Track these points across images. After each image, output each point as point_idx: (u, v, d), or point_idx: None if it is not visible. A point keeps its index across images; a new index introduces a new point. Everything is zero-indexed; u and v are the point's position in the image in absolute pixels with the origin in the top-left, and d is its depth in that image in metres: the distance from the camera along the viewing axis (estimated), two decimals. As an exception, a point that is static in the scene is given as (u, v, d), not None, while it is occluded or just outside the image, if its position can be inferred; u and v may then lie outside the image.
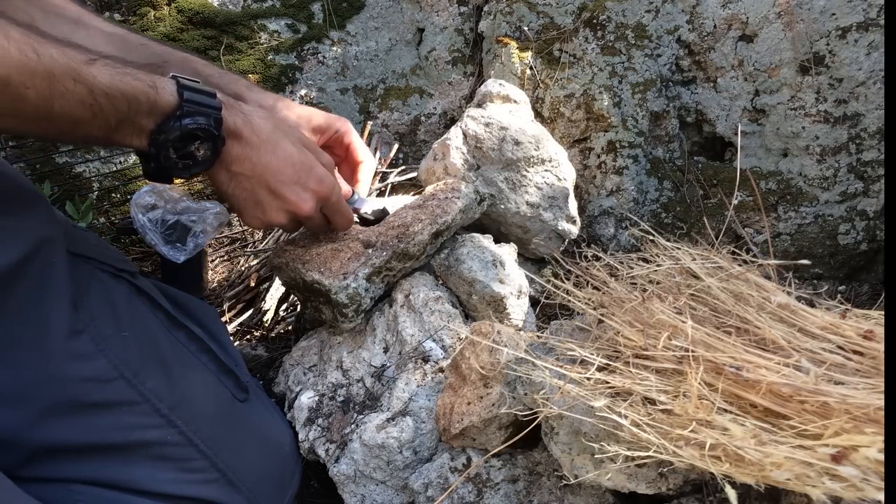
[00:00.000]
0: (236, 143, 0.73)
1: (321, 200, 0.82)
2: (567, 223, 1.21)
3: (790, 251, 1.29)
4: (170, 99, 0.67)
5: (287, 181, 0.78)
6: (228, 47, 1.60)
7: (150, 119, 0.66)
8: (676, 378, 0.55)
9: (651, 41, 1.36)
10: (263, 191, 0.77)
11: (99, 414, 0.69)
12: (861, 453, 0.38)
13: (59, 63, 0.58)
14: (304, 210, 0.80)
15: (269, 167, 0.76)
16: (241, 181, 0.76)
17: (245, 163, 0.75)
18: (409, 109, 1.61)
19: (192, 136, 0.68)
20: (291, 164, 0.78)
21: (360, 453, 0.85)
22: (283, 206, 0.79)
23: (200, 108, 0.68)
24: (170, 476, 0.72)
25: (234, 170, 0.75)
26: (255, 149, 0.75)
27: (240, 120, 0.74)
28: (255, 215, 0.79)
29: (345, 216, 0.89)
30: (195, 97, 0.68)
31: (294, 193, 0.79)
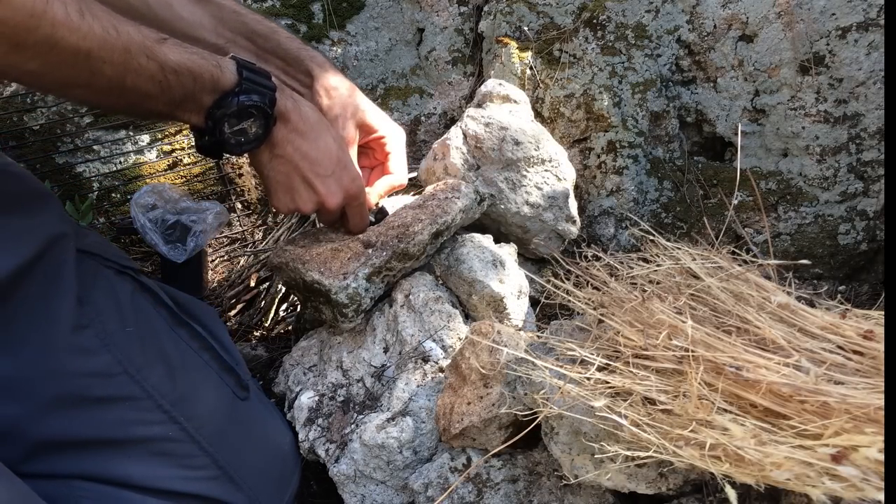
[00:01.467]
0: (283, 125, 0.77)
1: (348, 199, 0.86)
2: (567, 223, 1.21)
3: (790, 251, 1.29)
4: (230, 77, 0.71)
5: (323, 173, 0.81)
6: (228, 47, 1.60)
7: (211, 96, 0.70)
8: (676, 378, 0.55)
9: (651, 41, 1.36)
10: (298, 178, 0.81)
11: (101, 409, 0.69)
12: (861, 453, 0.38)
13: (135, 41, 0.62)
14: (331, 203, 0.84)
15: (309, 156, 0.80)
16: (280, 164, 0.80)
17: (287, 146, 0.78)
18: (409, 109, 1.61)
19: (247, 113, 0.72)
20: (329, 157, 0.81)
21: (360, 453, 0.85)
22: (313, 197, 0.83)
23: (257, 86, 0.72)
24: (171, 473, 0.72)
25: (276, 152, 0.79)
26: (299, 134, 0.79)
27: (290, 104, 0.78)
28: (284, 200, 0.83)
29: (363, 219, 0.93)
30: (253, 77, 0.72)
31: (326, 186, 0.82)
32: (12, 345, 0.65)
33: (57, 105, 1.51)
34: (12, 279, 0.66)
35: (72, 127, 1.52)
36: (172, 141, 1.58)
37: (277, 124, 0.77)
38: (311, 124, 0.80)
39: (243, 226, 1.59)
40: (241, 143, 0.75)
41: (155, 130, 1.57)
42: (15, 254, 0.67)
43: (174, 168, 1.58)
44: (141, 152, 1.56)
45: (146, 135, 1.56)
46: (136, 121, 1.55)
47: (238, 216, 1.59)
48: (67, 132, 1.52)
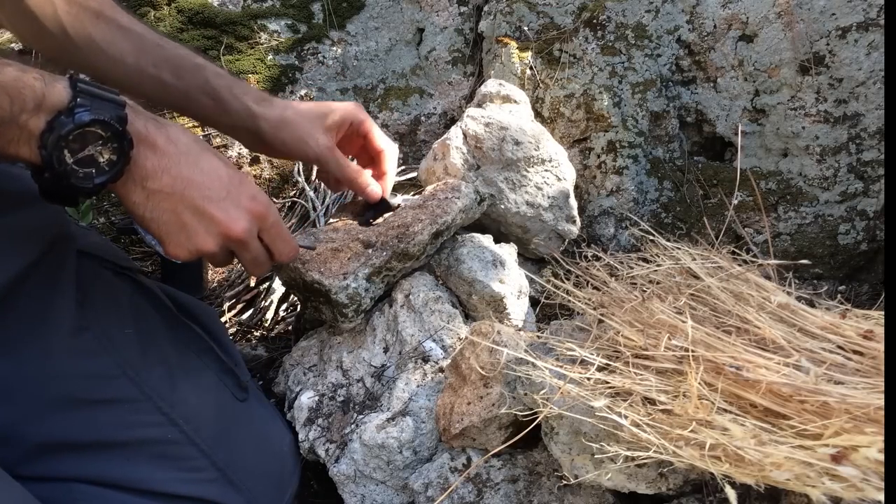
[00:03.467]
0: (150, 152, 0.62)
1: (257, 220, 0.68)
2: (567, 223, 1.21)
3: (790, 251, 1.29)
4: (61, 91, 0.57)
5: (215, 197, 0.65)
6: (228, 47, 1.60)
7: (39, 116, 0.56)
8: (676, 378, 0.55)
9: (651, 41, 1.36)
10: (188, 211, 0.64)
11: (100, 411, 0.69)
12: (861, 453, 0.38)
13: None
14: (236, 230, 0.66)
15: (193, 181, 0.64)
16: (161, 200, 0.63)
17: (164, 177, 0.62)
18: (409, 109, 1.61)
19: (91, 135, 0.57)
20: (218, 178, 0.66)
21: (359, 453, 0.85)
22: (211, 228, 0.66)
23: (99, 100, 0.58)
24: (170, 475, 0.72)
25: (149, 186, 0.62)
26: (173, 160, 0.63)
27: (152, 126, 0.63)
28: (179, 242, 0.65)
29: (287, 242, 0.74)
30: (91, 89, 0.58)
31: (223, 211, 0.65)
32: (11, 347, 0.65)
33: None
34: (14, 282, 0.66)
35: (72, 127, 1.51)
36: (172, 141, 1.57)
37: (142, 151, 0.61)
38: (186, 146, 0.64)
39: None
40: (90, 176, 0.58)
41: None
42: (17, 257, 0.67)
43: (174, 168, 1.58)
44: (141, 152, 1.56)
45: (146, 135, 1.56)
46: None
47: (238, 216, 1.59)
48: (67, 132, 1.51)
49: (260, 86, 1.61)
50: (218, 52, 1.58)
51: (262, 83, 1.61)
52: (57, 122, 0.56)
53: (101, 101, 0.58)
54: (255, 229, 0.69)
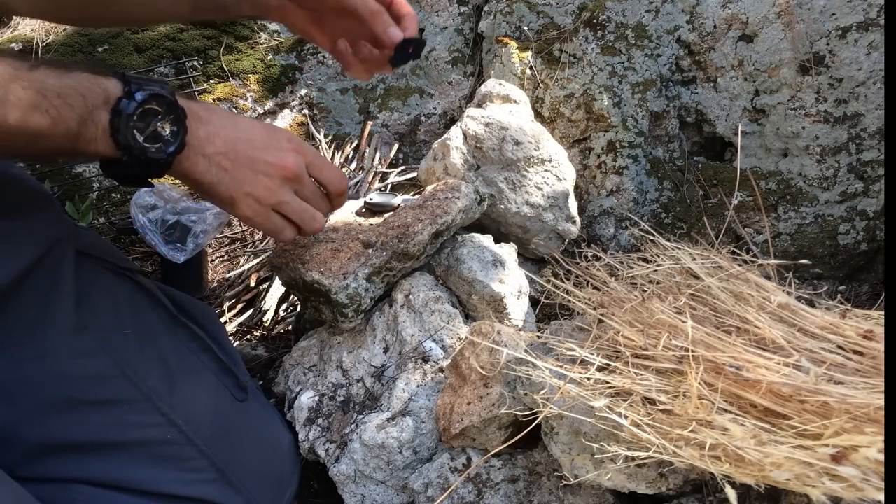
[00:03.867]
0: (199, 123, 0.70)
1: (301, 154, 0.76)
2: (567, 223, 1.21)
3: (790, 251, 1.29)
4: (115, 83, 0.63)
5: (261, 145, 0.73)
6: (228, 47, 1.60)
7: (106, 109, 0.62)
8: (676, 378, 0.55)
9: (651, 41, 1.36)
10: (244, 165, 0.72)
11: (99, 411, 0.69)
12: (861, 453, 0.38)
13: (2, 73, 0.55)
14: (289, 164, 0.74)
15: (240, 138, 0.72)
16: (221, 161, 0.71)
17: (216, 140, 0.71)
18: (409, 109, 1.61)
19: (151, 112, 0.64)
20: (258, 131, 0.74)
21: (360, 453, 0.85)
22: (270, 170, 0.73)
23: (147, 83, 0.65)
24: (169, 475, 0.71)
25: (208, 151, 0.70)
26: (219, 126, 0.71)
27: (193, 102, 0.71)
28: (249, 195, 0.73)
29: (333, 169, 0.81)
30: (137, 77, 0.66)
31: (273, 154, 0.74)
32: (10, 348, 0.65)
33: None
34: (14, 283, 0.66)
35: (72, 127, 1.51)
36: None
37: (193, 124, 0.69)
38: (222, 113, 0.73)
39: (243, 226, 1.59)
40: (162, 149, 0.65)
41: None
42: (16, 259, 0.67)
43: (174, 168, 1.58)
44: (141, 152, 1.56)
45: (146, 135, 1.56)
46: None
47: (238, 216, 1.59)
48: (67, 132, 1.51)
49: (259, 86, 1.61)
50: (218, 52, 1.58)
51: (262, 83, 1.61)
52: (120, 106, 0.62)
53: (148, 83, 0.65)
54: (302, 163, 0.76)
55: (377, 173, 1.49)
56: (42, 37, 1.57)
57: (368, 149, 1.55)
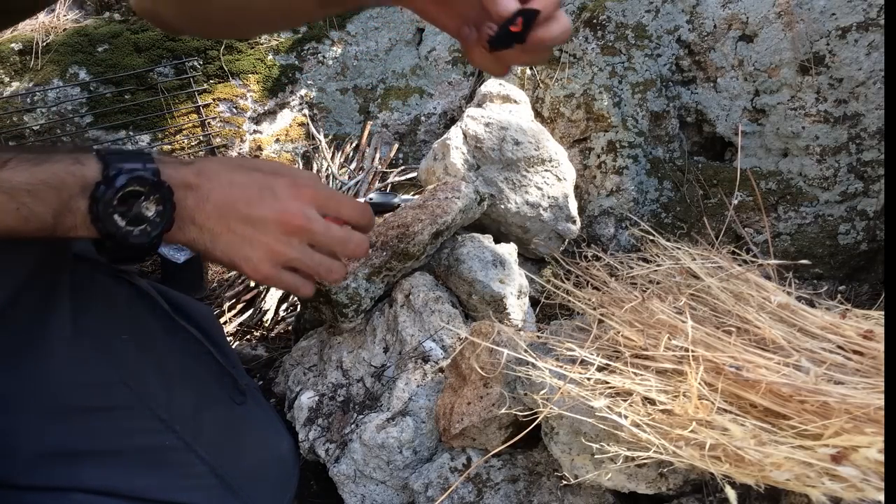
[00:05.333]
0: (188, 192, 0.63)
1: (307, 200, 0.65)
2: (567, 223, 1.21)
3: (790, 251, 1.29)
4: (93, 165, 0.59)
5: (256, 200, 0.64)
6: (228, 47, 1.60)
7: (84, 196, 0.58)
8: (676, 378, 0.55)
9: (651, 41, 1.36)
10: (239, 224, 0.64)
11: (98, 418, 0.69)
12: (861, 453, 0.38)
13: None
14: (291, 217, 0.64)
15: (234, 197, 0.64)
16: (213, 226, 0.64)
17: (206, 206, 0.64)
18: (409, 109, 1.61)
19: (132, 194, 0.59)
20: (252, 182, 0.65)
21: (360, 453, 0.85)
22: (268, 230, 0.64)
23: (128, 161, 0.60)
24: (168, 482, 0.71)
25: (199, 220, 0.63)
26: (210, 189, 0.64)
27: (182, 169, 0.64)
28: (250, 258, 0.64)
29: (353, 205, 0.69)
30: (119, 153, 0.61)
31: (270, 208, 0.64)
32: (8, 357, 0.65)
33: (57, 105, 1.51)
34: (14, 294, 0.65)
35: (72, 127, 1.52)
36: (172, 141, 1.58)
37: (181, 194, 0.62)
38: (215, 170, 0.65)
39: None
40: (146, 233, 0.61)
41: (155, 130, 1.57)
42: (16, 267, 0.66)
43: (174, 168, 1.58)
44: (141, 152, 1.56)
45: (146, 135, 1.56)
46: (136, 121, 1.55)
47: (238, 216, 1.59)
48: (67, 132, 1.52)
49: (259, 86, 1.61)
50: (218, 52, 1.58)
51: (262, 83, 1.61)
52: (98, 193, 0.58)
53: (130, 161, 0.60)
54: (309, 209, 0.65)
55: (377, 173, 1.49)
56: (42, 37, 1.57)
57: (368, 149, 1.55)
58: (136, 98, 1.55)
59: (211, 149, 1.57)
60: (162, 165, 0.62)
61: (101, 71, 1.53)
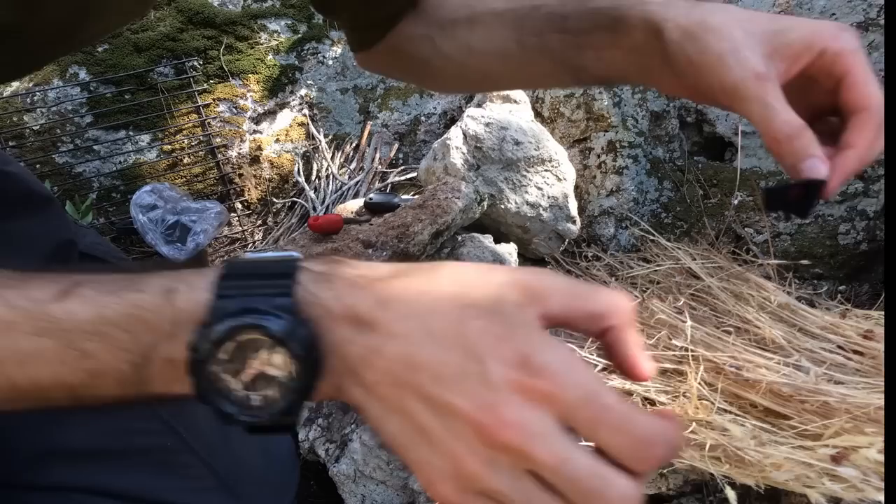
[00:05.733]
0: (351, 329, 0.38)
1: (547, 399, 0.33)
2: (567, 223, 1.21)
3: (790, 251, 1.29)
4: (199, 294, 0.38)
5: (451, 371, 0.36)
6: (228, 47, 1.60)
7: (178, 342, 0.38)
8: (676, 378, 0.55)
9: (651, 41, 1.36)
10: (420, 406, 0.37)
11: (100, 419, 0.69)
12: (861, 454, 0.38)
13: (5, 320, 0.38)
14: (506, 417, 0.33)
15: (416, 358, 0.36)
16: (386, 396, 0.38)
17: (378, 361, 0.37)
18: (409, 109, 1.61)
19: (247, 344, 0.37)
20: (459, 337, 0.36)
21: (360, 453, 0.85)
22: (464, 436, 0.35)
23: (252, 282, 0.38)
24: (169, 483, 0.71)
25: (366, 380, 0.38)
26: (389, 336, 0.37)
27: (357, 293, 0.38)
28: (426, 465, 0.36)
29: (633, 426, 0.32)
30: (239, 269, 0.38)
31: (471, 395, 0.35)
32: None
33: (57, 105, 1.51)
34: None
35: (72, 127, 1.52)
36: (172, 141, 1.58)
37: (338, 330, 0.37)
38: (413, 296, 0.38)
39: (243, 226, 1.59)
40: (274, 403, 0.37)
41: (155, 130, 1.57)
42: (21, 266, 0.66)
43: (174, 168, 1.58)
44: (141, 152, 1.56)
45: (146, 135, 1.56)
46: (136, 121, 1.56)
47: (238, 216, 1.59)
48: (67, 132, 1.52)
49: (260, 86, 1.61)
50: (218, 51, 1.58)
51: (262, 83, 1.61)
52: (194, 341, 0.37)
53: (255, 282, 0.38)
54: (541, 420, 0.34)
55: (377, 173, 1.49)
56: (42, 37, 1.57)
57: (368, 149, 1.55)
58: (136, 98, 1.55)
59: (211, 149, 1.57)
60: (316, 286, 0.38)
61: (101, 71, 1.53)
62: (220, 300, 0.37)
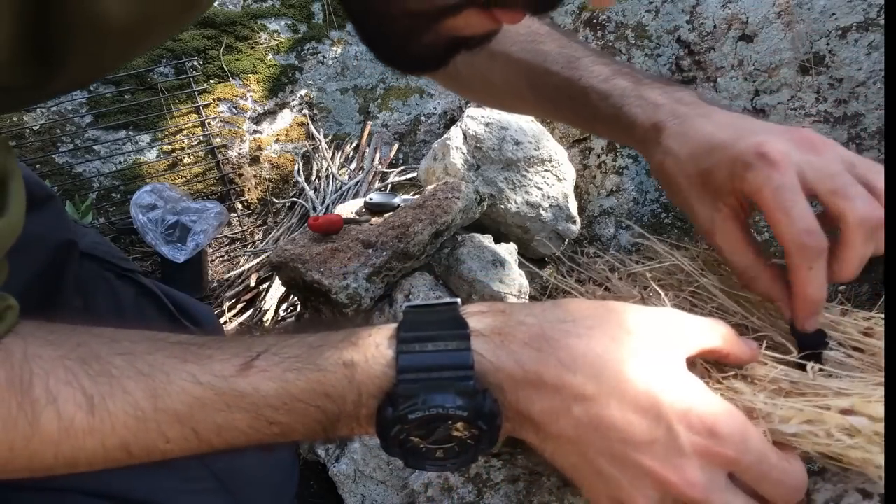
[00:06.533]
0: (533, 392, 0.41)
1: (725, 464, 0.40)
2: (567, 223, 1.21)
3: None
4: (378, 376, 0.41)
5: (639, 434, 0.40)
6: (228, 47, 1.60)
7: (362, 408, 0.42)
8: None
9: (651, 41, 1.37)
10: (602, 458, 0.41)
11: None
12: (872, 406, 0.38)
13: (193, 396, 0.40)
14: (691, 479, 0.39)
15: (604, 423, 0.40)
16: (562, 445, 0.42)
17: (560, 420, 0.41)
18: (409, 109, 1.61)
19: (436, 418, 0.40)
20: (645, 404, 0.40)
21: (359, 453, 0.85)
22: (642, 483, 0.40)
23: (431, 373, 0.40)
24: (168, 485, 0.71)
25: (548, 430, 0.42)
26: (569, 395, 0.40)
27: (527, 353, 0.41)
28: (598, 490, 0.42)
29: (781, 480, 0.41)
30: (424, 360, 0.40)
31: (659, 458, 0.39)
32: None
33: (57, 105, 1.51)
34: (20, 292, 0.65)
35: (72, 127, 1.52)
36: (172, 141, 1.58)
37: (521, 395, 0.41)
38: (584, 356, 0.41)
39: (243, 226, 1.59)
40: (457, 455, 0.42)
41: (155, 130, 1.57)
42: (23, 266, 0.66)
43: (174, 168, 1.58)
44: (141, 152, 1.56)
45: (146, 135, 1.56)
46: (136, 121, 1.56)
47: (238, 216, 1.59)
48: (67, 132, 1.52)
49: (259, 86, 1.62)
50: (218, 52, 1.59)
51: (262, 83, 1.61)
52: (384, 417, 0.41)
53: (433, 367, 0.40)
54: (722, 478, 0.40)
55: (377, 173, 1.49)
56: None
57: (368, 149, 1.55)
58: (136, 98, 1.55)
59: (211, 149, 1.58)
60: (492, 350, 0.41)
61: (101, 71, 1.53)
62: (402, 385, 0.40)
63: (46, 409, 0.39)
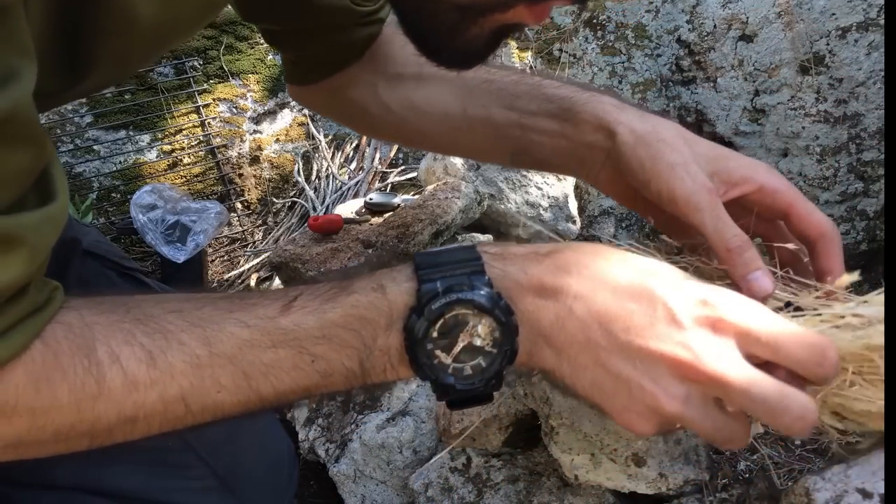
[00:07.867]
0: (544, 301, 0.44)
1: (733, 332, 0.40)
2: (567, 223, 1.21)
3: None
4: (404, 286, 0.44)
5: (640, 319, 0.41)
6: (228, 47, 1.60)
7: (394, 329, 0.44)
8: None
9: (651, 41, 1.37)
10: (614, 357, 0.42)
11: None
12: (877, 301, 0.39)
13: (242, 338, 0.43)
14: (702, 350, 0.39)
15: (606, 314, 0.42)
16: (578, 356, 0.44)
17: (568, 324, 0.43)
18: (409, 109, 1.61)
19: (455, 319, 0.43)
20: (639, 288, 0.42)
21: (359, 453, 0.85)
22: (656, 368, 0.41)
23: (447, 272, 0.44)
24: (169, 483, 0.71)
25: (557, 343, 0.44)
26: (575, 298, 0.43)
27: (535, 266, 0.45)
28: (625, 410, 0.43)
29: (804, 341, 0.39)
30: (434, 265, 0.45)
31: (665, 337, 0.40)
32: None
33: (56, 105, 1.51)
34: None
35: (72, 127, 1.52)
36: (172, 141, 1.58)
37: (529, 302, 0.44)
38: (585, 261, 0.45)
39: (243, 226, 1.59)
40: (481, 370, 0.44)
41: (155, 130, 1.57)
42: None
43: (174, 168, 1.58)
44: (141, 152, 1.56)
45: (146, 135, 1.56)
46: (136, 121, 1.56)
47: (238, 216, 1.59)
48: (67, 132, 1.52)
49: (259, 86, 1.61)
50: (218, 52, 1.59)
51: (262, 83, 1.61)
52: (410, 324, 0.43)
53: (449, 272, 0.44)
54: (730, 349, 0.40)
55: (377, 173, 1.49)
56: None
57: (368, 149, 1.55)
58: (136, 98, 1.55)
59: (211, 149, 1.58)
60: (500, 263, 0.45)
61: (101, 71, 1.53)
62: (425, 285, 0.43)
63: (112, 368, 0.41)
